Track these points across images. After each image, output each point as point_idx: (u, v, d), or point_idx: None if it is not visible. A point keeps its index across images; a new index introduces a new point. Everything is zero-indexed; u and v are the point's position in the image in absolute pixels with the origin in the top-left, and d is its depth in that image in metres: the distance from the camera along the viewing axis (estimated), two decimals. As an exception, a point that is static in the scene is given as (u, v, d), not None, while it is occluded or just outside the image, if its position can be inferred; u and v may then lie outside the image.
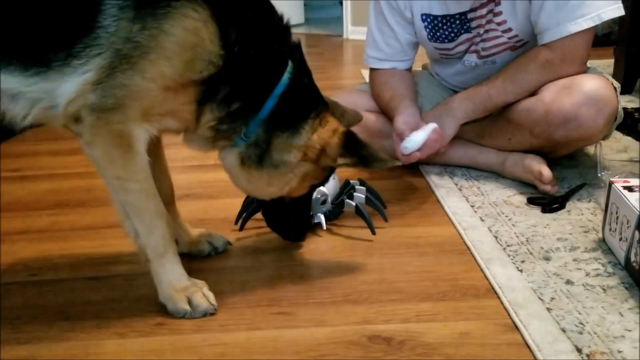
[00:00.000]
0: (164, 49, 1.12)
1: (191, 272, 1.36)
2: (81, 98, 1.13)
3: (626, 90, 2.73)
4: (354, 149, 1.30)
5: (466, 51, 1.98)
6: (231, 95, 1.21)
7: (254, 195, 1.42)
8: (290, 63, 1.27)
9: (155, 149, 1.39)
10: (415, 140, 1.74)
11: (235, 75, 1.20)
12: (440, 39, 1.97)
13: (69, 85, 1.12)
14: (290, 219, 1.46)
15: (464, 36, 1.94)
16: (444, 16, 1.92)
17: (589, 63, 1.87)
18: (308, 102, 1.31)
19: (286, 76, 1.26)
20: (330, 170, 1.42)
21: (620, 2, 1.73)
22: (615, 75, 2.89)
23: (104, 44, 1.11)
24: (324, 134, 1.29)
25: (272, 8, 1.27)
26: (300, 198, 1.42)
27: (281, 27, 1.28)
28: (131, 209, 1.24)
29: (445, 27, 1.94)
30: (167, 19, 1.12)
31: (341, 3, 5.98)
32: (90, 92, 1.12)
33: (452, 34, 1.95)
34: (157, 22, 1.11)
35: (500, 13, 1.85)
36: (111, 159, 1.18)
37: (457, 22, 1.91)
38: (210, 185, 1.99)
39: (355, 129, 2.01)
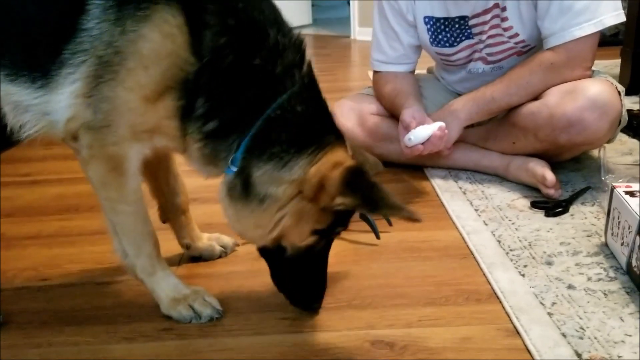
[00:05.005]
0: (142, 55, 1.08)
1: (198, 278, 1.39)
2: (80, 116, 1.12)
3: (632, 91, 2.72)
4: (359, 187, 1.09)
5: (469, 59, 2.00)
6: (208, 114, 1.12)
7: (245, 237, 1.27)
8: (291, 87, 1.14)
9: (165, 157, 1.40)
10: (420, 133, 1.76)
11: (210, 90, 1.11)
12: (442, 42, 1.99)
13: (63, 97, 1.11)
14: (298, 278, 1.24)
15: (465, 42, 1.95)
16: (445, 18, 1.94)
17: (595, 64, 1.87)
18: (307, 132, 1.14)
19: (279, 100, 1.12)
20: (341, 216, 1.18)
21: (621, 8, 1.75)
22: (621, 77, 2.90)
23: (87, 50, 1.08)
24: (322, 166, 1.12)
25: (272, 20, 1.14)
26: (311, 252, 1.21)
27: (282, 44, 1.13)
28: (120, 229, 1.25)
29: (446, 30, 1.96)
30: (147, 22, 1.07)
31: (349, 3, 5.98)
32: (85, 107, 1.10)
33: (452, 38, 1.96)
34: (136, 26, 1.07)
35: (506, 19, 1.87)
36: (105, 181, 1.19)
37: (457, 25, 1.93)
38: (217, 190, 2.01)
39: (360, 131, 2.06)
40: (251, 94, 1.13)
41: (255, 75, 1.12)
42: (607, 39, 3.41)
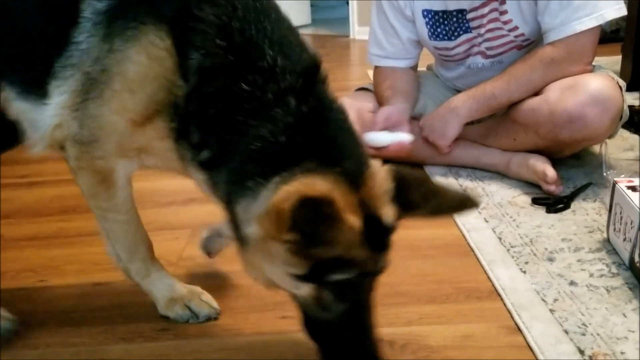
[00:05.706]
0: (128, 79, 1.03)
1: (196, 277, 1.38)
2: (65, 126, 1.09)
3: (633, 87, 2.70)
4: (302, 221, 0.86)
5: (467, 53, 1.99)
6: (201, 143, 1.03)
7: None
8: (283, 115, 0.97)
9: None
10: (377, 138, 1.79)
11: (199, 117, 1.02)
12: (440, 36, 1.98)
13: (50, 107, 1.09)
14: (328, 341, 1.04)
15: (464, 36, 1.95)
16: (443, 12, 1.94)
17: (596, 60, 1.86)
18: (283, 161, 0.95)
19: (261, 130, 0.97)
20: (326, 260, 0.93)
21: (622, 2, 1.73)
22: (622, 73, 2.88)
23: (76, 64, 1.05)
24: (278, 196, 0.89)
25: (275, 41, 1.01)
26: (325, 307, 1.00)
27: (282, 67, 0.99)
28: (113, 236, 1.25)
29: (445, 23, 1.96)
30: (134, 43, 1.02)
31: (348, 3, 5.97)
32: (71, 119, 1.08)
33: (451, 32, 1.96)
34: (123, 45, 1.02)
35: (505, 12, 1.86)
36: (94, 192, 1.17)
37: (455, 19, 1.92)
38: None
39: (358, 129, 2.02)
40: (235, 122, 0.99)
41: (241, 102, 0.99)
42: (607, 36, 3.40)
